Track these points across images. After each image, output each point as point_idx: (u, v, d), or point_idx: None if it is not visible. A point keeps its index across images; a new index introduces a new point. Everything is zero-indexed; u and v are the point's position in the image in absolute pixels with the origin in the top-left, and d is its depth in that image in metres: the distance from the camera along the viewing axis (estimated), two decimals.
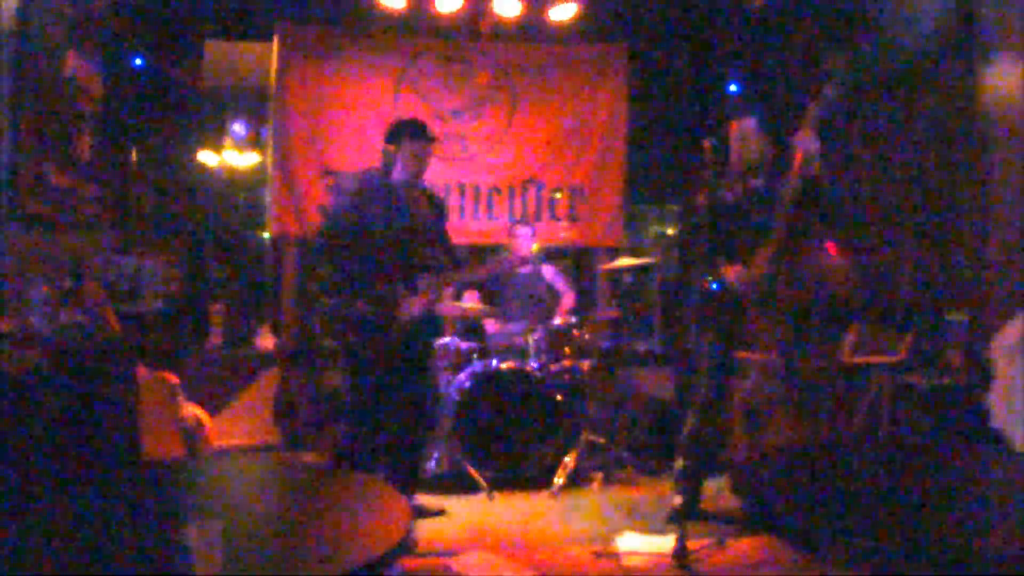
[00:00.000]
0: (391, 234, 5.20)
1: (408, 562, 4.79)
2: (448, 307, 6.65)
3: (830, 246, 5.14)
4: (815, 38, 7.58)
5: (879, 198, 7.45)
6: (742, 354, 5.44)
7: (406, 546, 3.27)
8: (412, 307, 5.15)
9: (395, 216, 5.24)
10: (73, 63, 6.26)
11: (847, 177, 7.49)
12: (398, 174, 5.38)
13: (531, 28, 8.27)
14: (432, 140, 5.45)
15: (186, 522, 2.35)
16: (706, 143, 5.15)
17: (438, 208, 5.61)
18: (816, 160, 4.99)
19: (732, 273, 5.34)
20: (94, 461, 4.85)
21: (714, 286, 5.52)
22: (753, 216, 5.32)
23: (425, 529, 5.36)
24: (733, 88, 8.75)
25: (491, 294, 7.34)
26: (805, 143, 4.97)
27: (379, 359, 5.15)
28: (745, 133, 5.46)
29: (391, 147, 5.39)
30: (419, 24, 8.15)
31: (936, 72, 6.90)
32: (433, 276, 5.31)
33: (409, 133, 5.38)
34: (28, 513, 3.02)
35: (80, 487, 3.44)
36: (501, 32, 8.30)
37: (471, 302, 6.98)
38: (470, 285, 6.81)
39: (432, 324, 5.52)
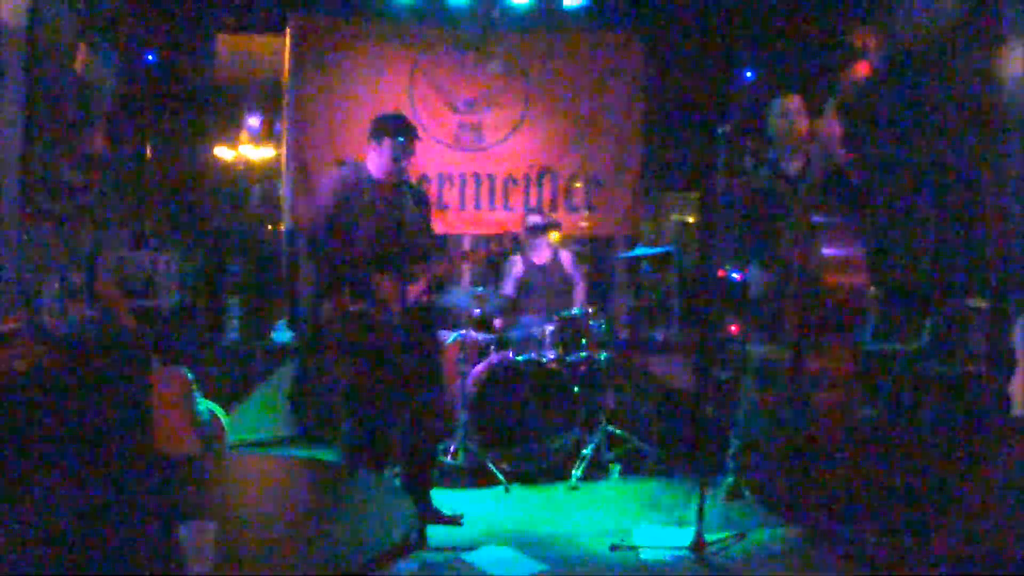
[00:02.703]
0: (372, 229, 5.15)
1: (424, 556, 4.76)
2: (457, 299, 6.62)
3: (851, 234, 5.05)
4: (840, 19, 7.49)
5: (899, 183, 7.37)
6: (759, 347, 5.40)
7: (409, 546, 3.25)
8: (403, 299, 5.08)
9: (377, 211, 5.19)
10: (84, 59, 6.24)
11: (871, 164, 7.42)
12: (378, 169, 5.29)
13: (546, 17, 8.21)
14: (415, 138, 5.35)
15: (182, 521, 2.33)
16: (719, 129, 5.08)
17: (421, 201, 5.52)
18: (837, 145, 4.92)
19: (756, 277, 5.31)
20: (107, 457, 4.83)
21: (734, 275, 5.48)
22: (784, 202, 5.26)
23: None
24: (749, 74, 8.67)
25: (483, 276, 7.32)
26: (829, 126, 4.89)
27: (377, 355, 5.10)
28: (789, 110, 5.38)
29: (373, 141, 5.31)
30: (433, 14, 8.12)
31: (958, 53, 6.82)
32: (423, 267, 5.25)
33: (391, 130, 5.27)
34: (39, 509, 3.02)
35: (91, 483, 3.43)
36: (515, 21, 8.24)
37: (467, 290, 6.88)
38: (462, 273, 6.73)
39: (431, 316, 5.43)
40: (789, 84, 6.94)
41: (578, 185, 8.30)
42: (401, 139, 5.22)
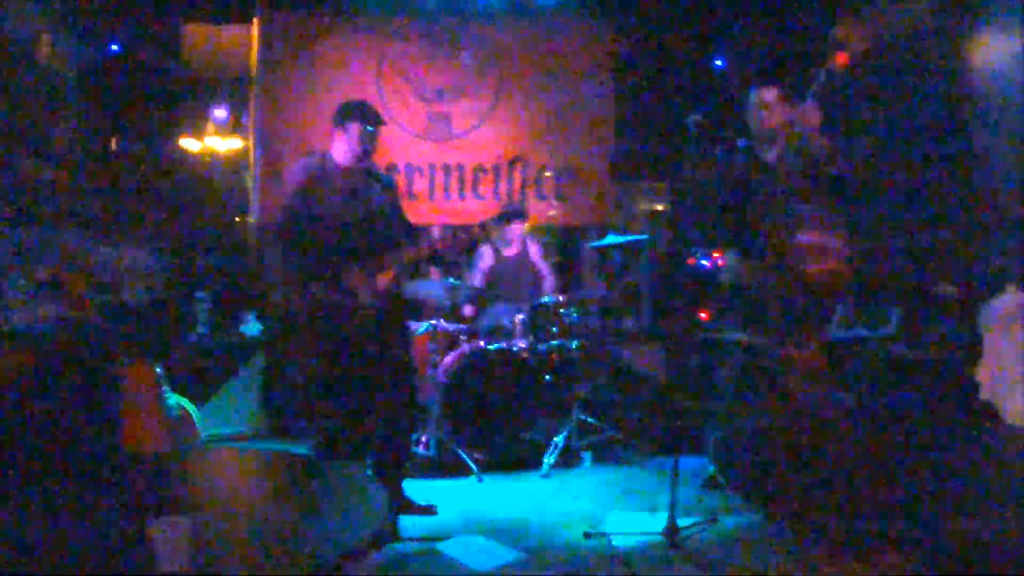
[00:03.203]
0: (340, 218, 5.12)
1: (395, 548, 4.75)
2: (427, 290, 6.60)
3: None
4: (813, 9, 7.51)
5: (867, 172, 7.40)
6: (732, 334, 5.41)
7: (382, 537, 3.24)
8: (373, 288, 5.06)
9: (344, 199, 5.16)
10: (48, 50, 6.17)
11: (849, 155, 7.44)
12: (342, 157, 5.27)
13: (516, 6, 8.19)
14: (380, 124, 5.32)
15: (155, 518, 2.32)
16: (690, 119, 5.08)
17: (388, 188, 5.49)
18: (815, 135, 4.91)
19: (734, 264, 5.31)
20: (76, 455, 4.79)
21: (703, 263, 5.48)
22: (761, 191, 5.26)
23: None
24: (719, 63, 8.68)
25: (452, 266, 7.30)
26: (807, 116, 4.88)
27: (348, 346, 5.07)
28: (767, 101, 5.37)
29: (338, 129, 5.28)
30: (402, 4, 8.08)
31: (924, 45, 6.85)
32: (392, 255, 5.21)
33: (356, 116, 5.25)
34: (8, 507, 2.99)
35: (61, 481, 3.40)
36: (485, 11, 8.21)
37: (436, 280, 6.84)
38: (432, 263, 6.69)
39: (401, 305, 5.40)
40: (761, 73, 6.96)
41: (548, 175, 8.28)
42: (366, 125, 5.21)
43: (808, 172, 4.93)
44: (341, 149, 5.26)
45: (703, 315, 6.82)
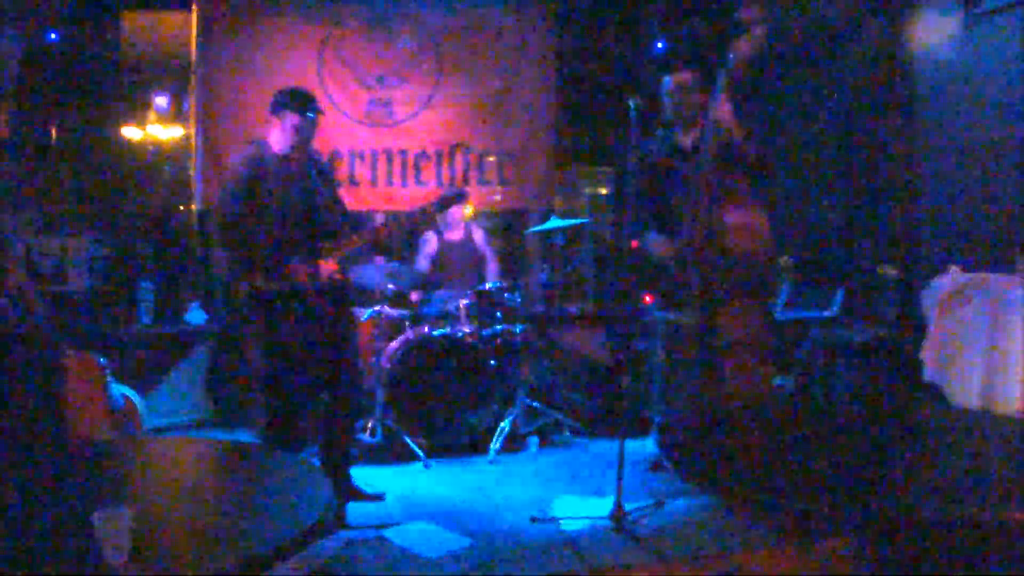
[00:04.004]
0: (282, 207, 5.08)
1: (343, 536, 4.78)
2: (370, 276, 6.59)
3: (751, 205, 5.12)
4: None
5: (808, 154, 7.49)
6: (669, 314, 5.46)
7: (327, 526, 3.27)
8: (315, 275, 5.06)
9: (284, 188, 5.12)
10: None
11: (773, 135, 7.51)
12: (279, 145, 5.21)
13: None
14: (318, 112, 5.27)
15: (95, 507, 2.33)
16: (630, 102, 5.12)
17: (325, 175, 5.45)
18: (729, 120, 4.96)
19: (654, 241, 5.37)
20: (20, 445, 4.77)
21: (646, 246, 5.53)
22: (681, 176, 5.32)
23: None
24: (659, 46, 8.73)
25: (397, 252, 7.31)
26: (718, 103, 4.94)
27: (291, 334, 5.07)
28: (682, 87, 5.42)
29: (274, 117, 5.22)
30: None
31: (863, 26, 6.94)
32: (332, 243, 5.20)
33: (292, 104, 5.18)
34: None
35: (3, 471, 3.39)
36: None
37: (381, 266, 6.84)
38: (377, 249, 6.67)
39: (344, 293, 5.39)
40: (691, 58, 7.02)
41: (491, 159, 8.30)
42: (302, 113, 5.17)
43: (724, 154, 4.99)
44: (278, 137, 5.20)
45: (647, 299, 6.87)
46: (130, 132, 8.69)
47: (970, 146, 6.10)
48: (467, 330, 6.62)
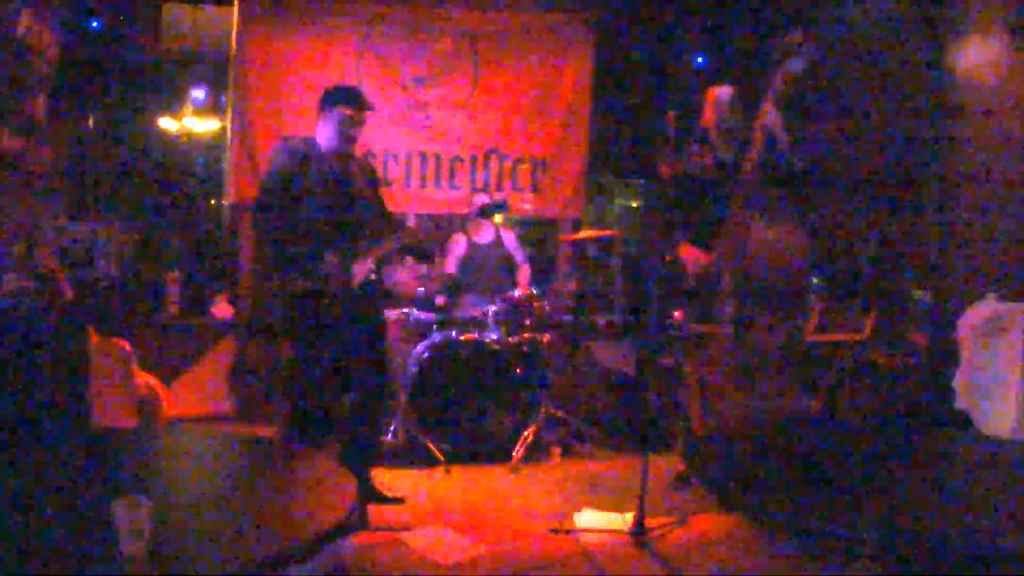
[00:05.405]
0: (324, 204, 5.05)
1: (362, 537, 4.75)
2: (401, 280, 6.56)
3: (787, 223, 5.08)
4: (780, 10, 7.53)
5: (845, 174, 7.44)
6: (699, 327, 5.42)
7: (349, 526, 3.24)
8: (349, 275, 5.03)
9: (327, 185, 5.09)
10: (26, 23, 6.12)
11: (812, 152, 7.46)
12: (327, 142, 5.17)
13: None
14: (367, 109, 5.23)
15: (115, 498, 2.31)
16: (669, 115, 5.09)
17: (370, 175, 5.45)
18: (780, 135, 4.93)
19: (687, 253, 5.33)
20: (44, 430, 4.78)
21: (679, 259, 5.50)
22: (718, 190, 5.28)
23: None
24: (700, 60, 8.70)
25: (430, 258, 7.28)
26: (767, 117, 4.90)
27: (323, 333, 5.04)
28: (721, 101, 5.38)
29: (323, 113, 5.18)
30: None
31: (903, 46, 6.88)
32: (371, 244, 5.16)
33: (342, 100, 5.15)
34: None
35: (27, 457, 3.39)
36: None
37: (411, 268, 6.81)
38: (408, 252, 6.65)
39: (378, 294, 5.35)
40: (736, 71, 6.99)
41: (524, 166, 8.29)
42: (352, 110, 5.14)
43: (769, 170, 4.95)
44: (325, 134, 5.17)
45: (677, 314, 6.83)
46: (166, 123, 8.72)
47: (1010, 173, 6.03)
48: (494, 336, 6.58)
